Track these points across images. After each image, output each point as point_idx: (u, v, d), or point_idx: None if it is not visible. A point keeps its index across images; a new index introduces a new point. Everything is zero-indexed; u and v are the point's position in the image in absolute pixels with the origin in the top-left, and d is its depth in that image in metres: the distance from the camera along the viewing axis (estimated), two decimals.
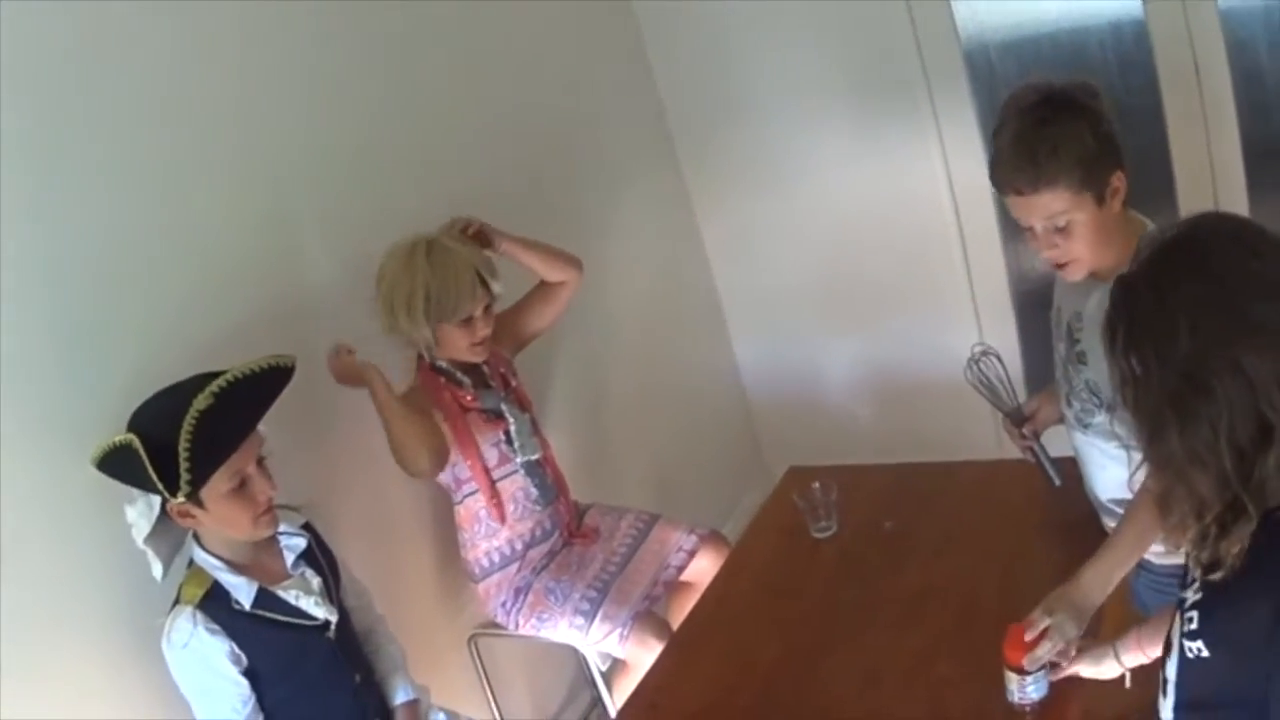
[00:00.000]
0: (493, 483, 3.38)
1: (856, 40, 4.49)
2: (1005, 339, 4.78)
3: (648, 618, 3.44)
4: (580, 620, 3.40)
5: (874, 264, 4.88)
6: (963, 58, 4.41)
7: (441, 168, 3.70)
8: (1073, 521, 2.98)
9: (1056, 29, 4.24)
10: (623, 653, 3.41)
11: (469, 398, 3.36)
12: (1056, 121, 2.36)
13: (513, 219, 3.82)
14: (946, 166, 4.57)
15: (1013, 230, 4.61)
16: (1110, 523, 2.75)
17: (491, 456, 3.38)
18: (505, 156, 3.99)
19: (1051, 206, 2.39)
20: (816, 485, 3.31)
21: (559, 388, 4.02)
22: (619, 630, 3.38)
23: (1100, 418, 2.60)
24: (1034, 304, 4.67)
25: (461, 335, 3.26)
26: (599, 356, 4.37)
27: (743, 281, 5.24)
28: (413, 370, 3.36)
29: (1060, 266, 2.50)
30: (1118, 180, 2.42)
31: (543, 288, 3.61)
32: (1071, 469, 2.92)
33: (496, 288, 3.29)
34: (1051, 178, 2.35)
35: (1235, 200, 3.98)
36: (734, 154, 4.95)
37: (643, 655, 3.32)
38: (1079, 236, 2.42)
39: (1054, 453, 2.95)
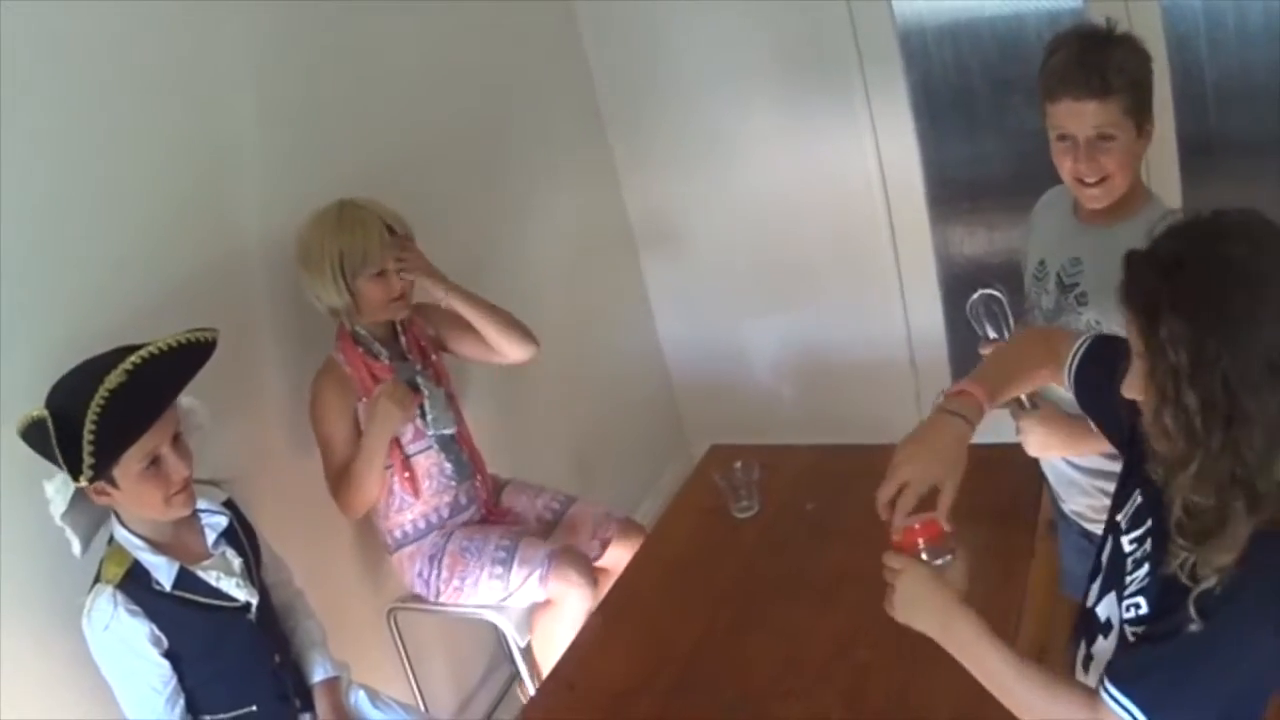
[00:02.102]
0: (406, 457, 3.35)
1: (792, 22, 4.47)
2: (931, 322, 4.81)
3: (565, 553, 3.40)
4: (499, 569, 3.36)
5: (801, 244, 4.87)
6: (898, 42, 4.40)
7: (373, 135, 3.65)
8: (994, 509, 3.00)
9: (995, 16, 4.26)
10: (545, 593, 3.37)
11: (385, 368, 3.31)
12: (1122, 47, 2.50)
13: (439, 191, 3.81)
14: (878, 150, 4.57)
15: (941, 213, 4.65)
16: (1073, 495, 2.82)
17: (405, 431, 3.34)
18: (435, 128, 3.95)
19: (1105, 116, 2.48)
20: (738, 465, 3.30)
21: (476, 362, 3.98)
22: (538, 570, 3.34)
23: None
24: (960, 287, 4.69)
25: (377, 290, 3.21)
26: None
27: (668, 258, 5.23)
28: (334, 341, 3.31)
29: (1089, 186, 2.55)
30: (1150, 125, 2.56)
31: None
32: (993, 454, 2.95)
33: (407, 240, 3.27)
34: (1114, 89, 2.46)
35: (1169, 194, 4.00)
36: (662, 130, 4.93)
37: (567, 592, 3.31)
38: (1116, 155, 2.51)
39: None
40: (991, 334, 2.71)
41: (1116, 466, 2.60)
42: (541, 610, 3.48)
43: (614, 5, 4.73)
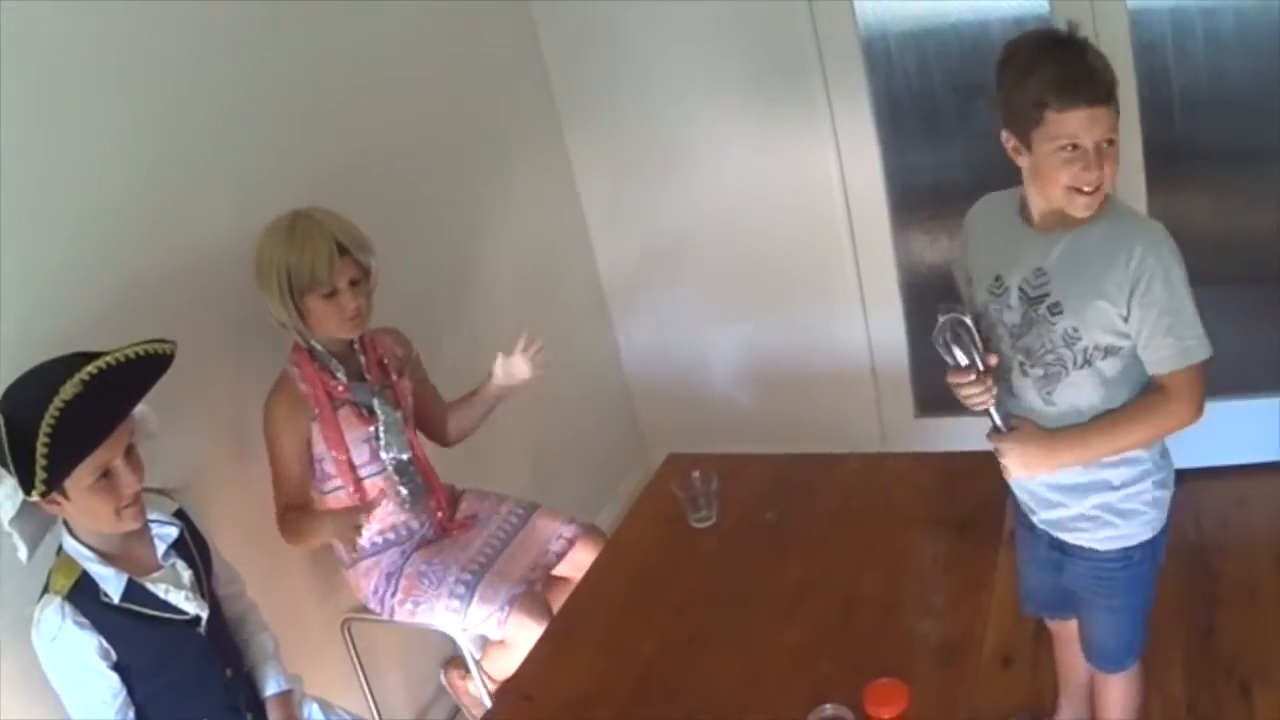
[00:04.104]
0: (358, 480, 3.28)
1: (753, 28, 4.44)
2: (892, 329, 4.80)
3: (527, 597, 3.35)
4: (456, 603, 3.32)
5: (762, 251, 4.85)
6: (861, 47, 4.38)
7: (327, 140, 3.60)
8: (957, 519, 2.98)
9: (959, 20, 4.25)
10: (501, 634, 3.33)
11: (340, 388, 3.24)
12: (1096, 50, 2.46)
13: (394, 198, 3.79)
14: (839, 156, 4.54)
15: (903, 221, 4.63)
16: (1046, 513, 2.80)
17: (362, 453, 3.28)
18: (390, 134, 3.91)
19: (1110, 121, 2.45)
20: (696, 474, 3.26)
21: (434, 368, 3.93)
22: (497, 612, 3.30)
23: (1078, 373, 2.59)
24: (921, 295, 4.69)
25: (328, 311, 3.12)
26: (475, 337, 4.29)
27: (626, 264, 5.18)
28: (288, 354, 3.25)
29: (1086, 194, 2.49)
30: None
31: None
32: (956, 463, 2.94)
33: (366, 259, 3.16)
34: (1112, 93, 2.44)
35: (1134, 200, 4.00)
36: (621, 136, 4.89)
37: (522, 635, 3.25)
38: (1114, 159, 2.47)
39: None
40: (962, 360, 2.63)
41: (1093, 475, 2.60)
42: (499, 651, 3.46)
43: (572, 9, 4.68)
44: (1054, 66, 2.43)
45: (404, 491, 3.36)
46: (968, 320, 2.59)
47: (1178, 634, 3.54)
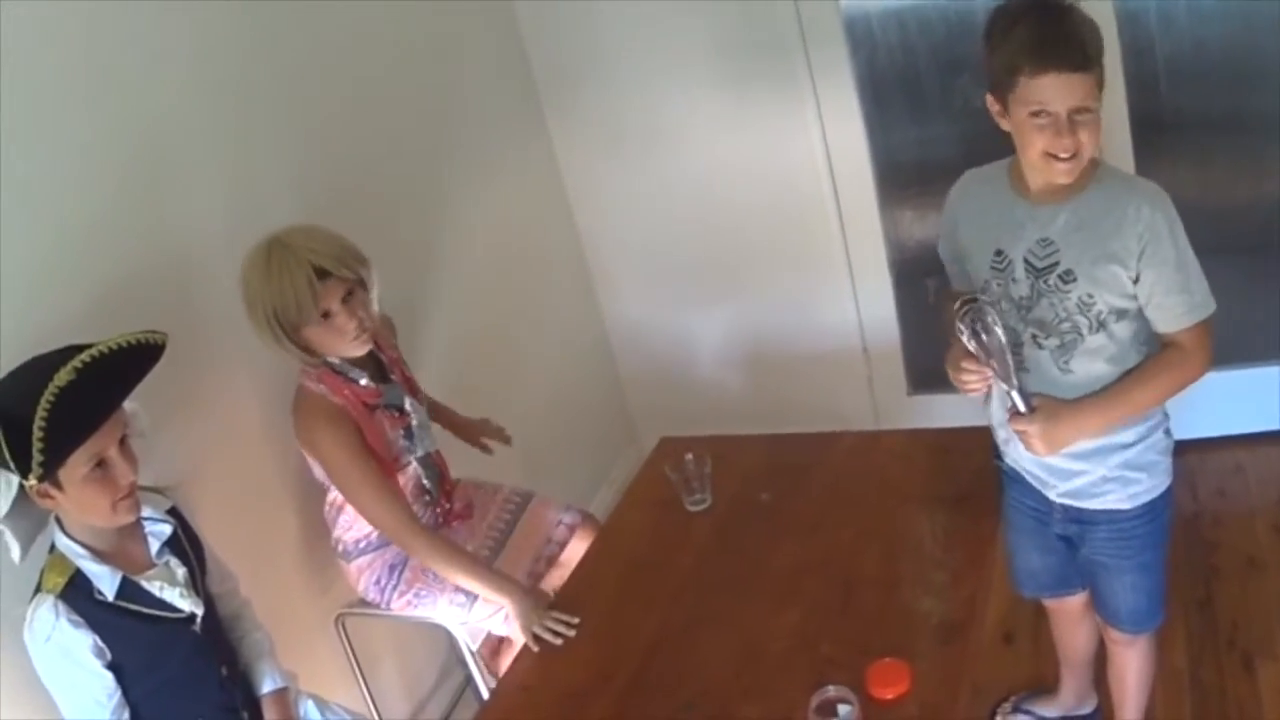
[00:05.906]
0: (395, 481, 3.23)
1: (734, 7, 4.41)
2: (882, 306, 4.79)
3: (534, 593, 3.31)
4: (462, 598, 3.28)
5: (748, 230, 4.82)
6: (843, 24, 4.35)
7: (313, 132, 3.58)
8: (953, 495, 2.96)
9: None
10: (508, 630, 3.29)
11: (373, 395, 3.17)
12: (1080, 15, 2.42)
13: (380, 189, 3.78)
14: (824, 133, 4.52)
15: (890, 197, 4.61)
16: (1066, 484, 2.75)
17: (396, 443, 3.23)
18: (375, 125, 3.88)
19: (1085, 89, 2.40)
20: (690, 457, 3.26)
21: (422, 357, 3.92)
22: (504, 609, 3.27)
23: (1094, 337, 2.56)
24: (911, 272, 4.67)
25: (329, 334, 3.00)
26: (462, 324, 4.28)
27: (612, 247, 5.16)
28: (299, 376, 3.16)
29: (1062, 161, 2.45)
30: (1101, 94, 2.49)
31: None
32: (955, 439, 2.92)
33: (352, 272, 3.00)
34: (1092, 61, 2.39)
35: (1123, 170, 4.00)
36: (604, 115, 4.85)
37: None
38: (1092, 127, 2.43)
39: None
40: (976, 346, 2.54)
41: (1110, 438, 2.59)
42: (507, 650, 3.45)
43: None
44: (1030, 30, 2.41)
45: (428, 483, 3.34)
46: (988, 306, 2.53)
47: (1176, 605, 3.52)
